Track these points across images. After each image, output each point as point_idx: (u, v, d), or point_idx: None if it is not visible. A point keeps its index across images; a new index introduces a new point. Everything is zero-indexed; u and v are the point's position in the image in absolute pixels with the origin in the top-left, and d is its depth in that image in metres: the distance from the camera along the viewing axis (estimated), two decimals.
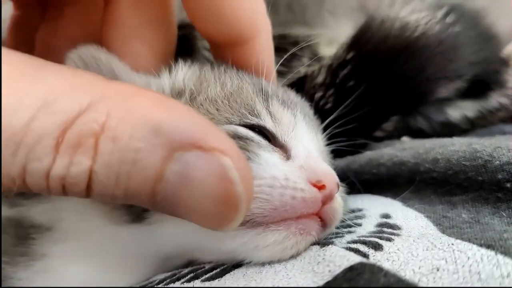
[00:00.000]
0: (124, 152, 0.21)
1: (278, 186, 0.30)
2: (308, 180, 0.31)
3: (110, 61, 0.35)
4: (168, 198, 0.22)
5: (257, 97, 0.36)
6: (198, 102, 0.35)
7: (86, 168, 0.22)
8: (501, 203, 0.32)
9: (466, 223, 0.31)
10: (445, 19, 0.45)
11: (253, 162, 0.31)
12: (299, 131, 0.36)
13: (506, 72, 0.50)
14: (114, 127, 0.21)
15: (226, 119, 0.34)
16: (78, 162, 0.21)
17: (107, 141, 0.21)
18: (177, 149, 0.22)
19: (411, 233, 0.31)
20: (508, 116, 0.51)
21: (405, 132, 0.51)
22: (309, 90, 0.46)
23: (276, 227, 0.31)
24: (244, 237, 0.31)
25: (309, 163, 0.33)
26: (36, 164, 0.21)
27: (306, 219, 0.31)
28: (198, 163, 0.22)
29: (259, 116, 0.35)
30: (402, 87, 0.45)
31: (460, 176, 0.34)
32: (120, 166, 0.22)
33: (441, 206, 0.34)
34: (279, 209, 0.30)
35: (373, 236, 0.31)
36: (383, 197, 0.38)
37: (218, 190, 0.22)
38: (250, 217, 0.30)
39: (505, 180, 0.32)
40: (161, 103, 0.23)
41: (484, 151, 0.33)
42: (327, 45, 0.49)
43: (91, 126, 0.21)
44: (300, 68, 0.47)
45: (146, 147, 0.21)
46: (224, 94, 0.36)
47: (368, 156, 0.39)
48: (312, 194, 0.31)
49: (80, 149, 0.21)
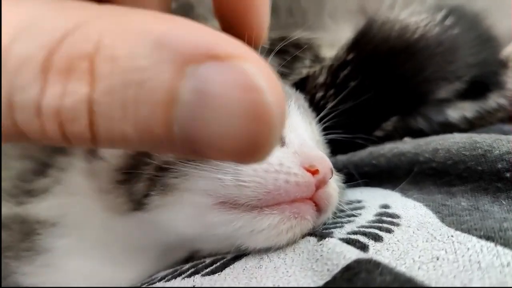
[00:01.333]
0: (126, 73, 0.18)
1: (272, 171, 0.31)
2: (302, 165, 0.32)
3: None
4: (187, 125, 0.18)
5: None
6: None
7: (83, 97, 0.18)
8: (501, 192, 0.32)
9: (466, 211, 0.31)
10: (444, 22, 0.46)
11: None
12: (293, 120, 0.37)
13: (505, 73, 0.51)
14: (110, 44, 0.18)
15: None
16: (73, 91, 0.18)
17: (104, 61, 0.18)
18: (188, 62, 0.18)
19: (411, 222, 0.31)
20: (506, 117, 0.51)
21: (405, 132, 0.51)
22: (310, 90, 0.47)
23: (270, 211, 0.31)
24: (240, 221, 0.31)
25: (302, 149, 0.34)
26: (23, 94, 0.18)
27: (300, 203, 0.32)
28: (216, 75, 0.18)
29: None
30: (402, 87, 0.46)
31: (459, 166, 0.34)
32: (124, 91, 0.18)
33: (440, 196, 0.34)
34: (272, 192, 0.31)
35: (373, 227, 0.32)
36: (382, 189, 0.38)
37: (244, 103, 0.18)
38: (244, 201, 0.31)
39: (505, 170, 0.32)
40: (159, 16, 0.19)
41: (484, 142, 0.33)
42: (328, 47, 0.50)
43: (83, 46, 0.18)
44: (302, 69, 0.48)
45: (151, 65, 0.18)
46: None
47: (369, 149, 0.39)
48: (306, 178, 0.32)
49: (73, 74, 0.18)
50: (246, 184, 0.31)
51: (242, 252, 0.33)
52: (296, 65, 0.48)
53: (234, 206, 0.31)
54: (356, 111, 0.44)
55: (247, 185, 0.31)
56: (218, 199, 0.32)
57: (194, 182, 0.31)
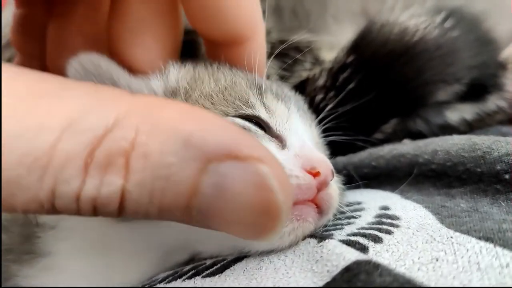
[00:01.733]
0: (156, 168, 0.21)
1: None
2: (303, 167, 0.32)
3: (109, 67, 0.37)
4: (205, 212, 0.21)
5: (251, 90, 0.38)
6: (193, 98, 0.36)
7: (118, 188, 0.21)
8: (500, 194, 0.32)
9: (465, 212, 0.31)
10: (444, 24, 0.46)
11: None
12: (293, 122, 0.37)
13: (504, 75, 0.51)
14: (144, 143, 0.21)
15: (221, 112, 0.35)
16: (110, 182, 0.21)
17: (138, 158, 0.21)
18: (211, 160, 0.21)
19: (410, 224, 0.31)
20: (505, 119, 0.51)
21: (404, 135, 0.51)
22: (310, 92, 0.47)
23: None
24: None
25: (303, 151, 0.34)
26: (65, 187, 0.20)
27: (302, 205, 0.32)
28: (234, 173, 0.21)
29: (253, 107, 0.36)
30: (401, 90, 0.46)
31: (459, 167, 0.34)
32: (153, 183, 0.21)
33: (440, 197, 0.34)
34: None
35: (373, 228, 0.32)
36: (382, 191, 0.38)
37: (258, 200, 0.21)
38: None
39: (504, 171, 0.32)
40: (189, 113, 0.22)
41: (483, 144, 0.33)
42: (328, 50, 0.51)
43: (121, 144, 0.21)
44: (302, 71, 0.48)
45: (179, 161, 0.21)
46: (219, 89, 0.37)
47: (369, 151, 0.39)
48: (307, 180, 0.32)
49: (110, 168, 0.21)
50: None
51: (243, 254, 0.33)
52: (296, 68, 0.48)
53: None
54: (356, 113, 0.45)
55: None
56: None
57: None
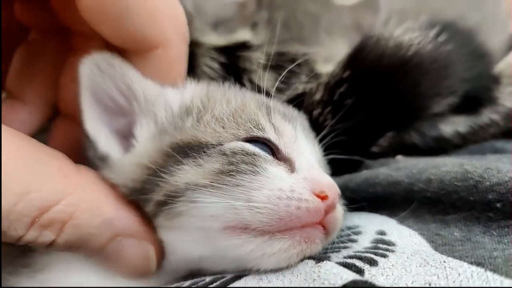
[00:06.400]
0: (81, 234, 0.32)
1: (284, 198, 0.32)
2: (312, 191, 0.33)
3: (123, 68, 0.37)
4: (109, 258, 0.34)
5: (260, 111, 0.38)
6: (205, 121, 0.37)
7: (50, 240, 0.31)
8: (492, 222, 0.33)
9: (458, 241, 0.32)
10: (437, 38, 0.47)
11: (261, 175, 0.33)
12: (300, 144, 0.38)
13: (497, 89, 0.51)
14: (79, 217, 0.31)
15: (232, 135, 0.36)
16: (45, 235, 0.31)
17: (71, 226, 0.31)
18: (119, 235, 0.33)
19: (405, 249, 0.32)
20: (499, 132, 0.52)
21: (399, 147, 0.52)
22: (307, 107, 0.47)
23: (281, 235, 0.33)
24: (251, 245, 0.33)
25: (312, 174, 0.35)
26: (13, 232, 0.30)
27: (310, 228, 0.33)
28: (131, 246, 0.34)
29: (263, 129, 0.37)
30: (398, 103, 0.46)
31: (452, 196, 0.35)
32: (75, 241, 0.32)
33: (435, 225, 0.35)
34: (285, 219, 0.32)
35: (369, 252, 0.32)
36: (379, 215, 0.39)
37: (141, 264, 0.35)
38: (256, 226, 0.32)
39: (495, 200, 0.33)
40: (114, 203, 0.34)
41: (475, 172, 0.34)
42: (324, 63, 0.51)
43: (63, 215, 0.31)
44: (298, 84, 0.48)
45: (98, 232, 0.32)
46: (230, 111, 0.37)
47: (365, 175, 0.40)
48: (316, 204, 0.33)
49: (49, 228, 0.30)
50: (260, 210, 0.32)
51: (243, 272, 0.34)
52: (292, 80, 0.48)
53: (244, 230, 0.32)
54: (353, 128, 0.45)
55: (260, 211, 0.32)
56: (227, 224, 0.33)
57: (203, 208, 0.32)
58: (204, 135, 0.36)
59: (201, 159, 0.34)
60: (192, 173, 0.33)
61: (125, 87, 0.37)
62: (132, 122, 0.38)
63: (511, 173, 0.33)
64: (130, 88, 0.37)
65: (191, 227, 0.33)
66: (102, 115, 0.37)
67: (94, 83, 0.36)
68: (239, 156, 0.34)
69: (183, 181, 0.33)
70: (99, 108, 0.37)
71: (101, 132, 0.37)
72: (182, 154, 0.34)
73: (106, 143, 0.37)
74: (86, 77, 0.36)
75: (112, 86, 0.37)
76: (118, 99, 0.38)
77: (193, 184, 0.33)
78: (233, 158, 0.34)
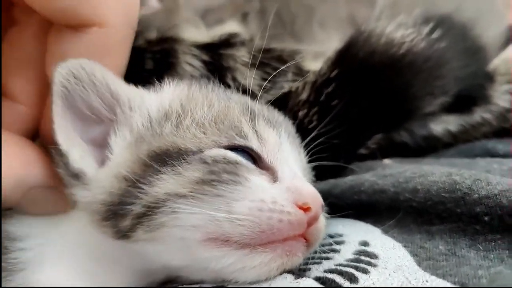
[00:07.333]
0: None
1: (266, 209, 0.31)
2: (295, 202, 0.32)
3: (106, 76, 0.35)
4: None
5: (243, 117, 0.37)
6: (185, 126, 0.35)
7: None
8: (479, 235, 0.32)
9: (443, 255, 0.32)
10: (431, 35, 0.44)
11: (243, 186, 0.32)
12: (284, 152, 0.37)
13: (491, 87, 0.50)
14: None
15: (213, 142, 0.34)
16: None
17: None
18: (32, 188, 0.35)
19: (388, 264, 0.31)
20: (491, 131, 0.51)
21: (388, 146, 0.51)
22: (293, 107, 0.45)
23: (263, 249, 0.32)
24: (231, 258, 0.32)
25: (295, 184, 0.34)
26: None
27: (292, 241, 0.32)
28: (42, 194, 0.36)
29: (246, 137, 0.35)
30: (387, 105, 0.45)
31: (439, 207, 0.34)
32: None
33: (420, 236, 0.34)
34: (266, 232, 0.31)
35: (350, 266, 0.32)
36: (364, 223, 0.38)
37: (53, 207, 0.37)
38: (237, 238, 0.31)
39: (483, 214, 0.32)
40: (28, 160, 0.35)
41: (464, 183, 0.33)
42: (312, 60, 0.48)
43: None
44: (284, 83, 0.47)
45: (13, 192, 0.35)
46: (212, 116, 0.36)
47: (350, 182, 0.39)
48: (298, 216, 0.32)
49: None
50: (241, 223, 0.31)
51: (221, 283, 0.33)
52: (278, 79, 0.46)
53: (225, 243, 0.32)
54: (341, 131, 0.43)
55: (241, 223, 0.31)
56: (208, 235, 0.32)
57: (184, 219, 0.31)
58: (183, 141, 0.34)
59: (181, 167, 0.32)
60: (171, 183, 0.32)
61: (108, 94, 0.35)
62: (109, 131, 0.36)
63: (501, 185, 0.32)
64: (114, 95, 0.35)
65: (171, 238, 0.32)
66: (77, 125, 0.35)
67: (69, 92, 0.34)
68: (220, 165, 0.32)
69: (163, 191, 0.32)
70: (73, 118, 0.35)
71: (74, 145, 0.34)
72: (160, 163, 0.33)
73: (80, 158, 0.34)
74: (60, 85, 0.34)
75: (92, 93, 0.35)
76: (99, 107, 0.35)
77: (173, 194, 0.32)
78: (214, 167, 0.32)
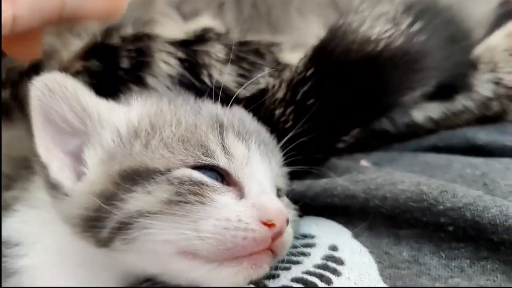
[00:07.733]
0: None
1: (231, 228, 0.33)
2: (259, 219, 0.33)
3: (76, 88, 0.37)
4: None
5: (211, 133, 0.37)
6: (153, 146, 0.36)
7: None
8: (443, 242, 0.34)
9: (406, 262, 0.33)
10: (411, 27, 0.43)
11: (208, 206, 0.33)
12: (252, 165, 0.37)
13: (473, 75, 0.49)
14: None
15: (181, 162, 0.35)
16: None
17: None
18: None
19: (352, 272, 0.33)
20: (472, 119, 0.51)
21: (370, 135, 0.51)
22: (269, 105, 0.45)
23: (229, 263, 0.33)
24: (201, 270, 0.34)
25: (260, 201, 0.35)
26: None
27: (258, 255, 0.34)
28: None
29: (212, 156, 0.36)
30: (365, 101, 0.44)
31: (406, 215, 0.35)
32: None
33: (387, 240, 0.36)
34: (231, 249, 0.33)
35: (316, 274, 0.33)
36: (336, 223, 0.40)
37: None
38: (205, 253, 0.33)
39: (447, 224, 0.33)
40: None
41: (430, 194, 0.34)
42: (290, 51, 0.47)
43: None
44: (260, 78, 0.46)
45: None
46: (179, 135, 0.37)
47: (324, 185, 0.40)
48: (263, 233, 0.33)
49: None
50: (207, 240, 0.32)
51: None
52: (254, 74, 0.45)
53: (195, 257, 0.33)
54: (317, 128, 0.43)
55: (207, 241, 0.32)
56: (179, 249, 0.33)
57: (156, 234, 0.33)
58: (152, 161, 0.35)
59: (150, 186, 0.34)
60: (142, 201, 0.33)
61: (78, 107, 0.36)
62: (85, 145, 0.37)
63: (466, 198, 0.33)
64: (84, 108, 0.37)
65: (145, 250, 0.34)
66: (56, 138, 0.37)
67: (45, 105, 0.36)
68: (186, 186, 0.34)
69: (135, 208, 0.33)
70: (52, 131, 0.36)
71: (54, 157, 0.36)
72: (132, 182, 0.34)
73: (59, 170, 0.36)
74: (37, 99, 0.35)
75: (65, 106, 0.36)
76: (72, 120, 0.37)
77: (144, 211, 0.33)
78: (180, 188, 0.33)
